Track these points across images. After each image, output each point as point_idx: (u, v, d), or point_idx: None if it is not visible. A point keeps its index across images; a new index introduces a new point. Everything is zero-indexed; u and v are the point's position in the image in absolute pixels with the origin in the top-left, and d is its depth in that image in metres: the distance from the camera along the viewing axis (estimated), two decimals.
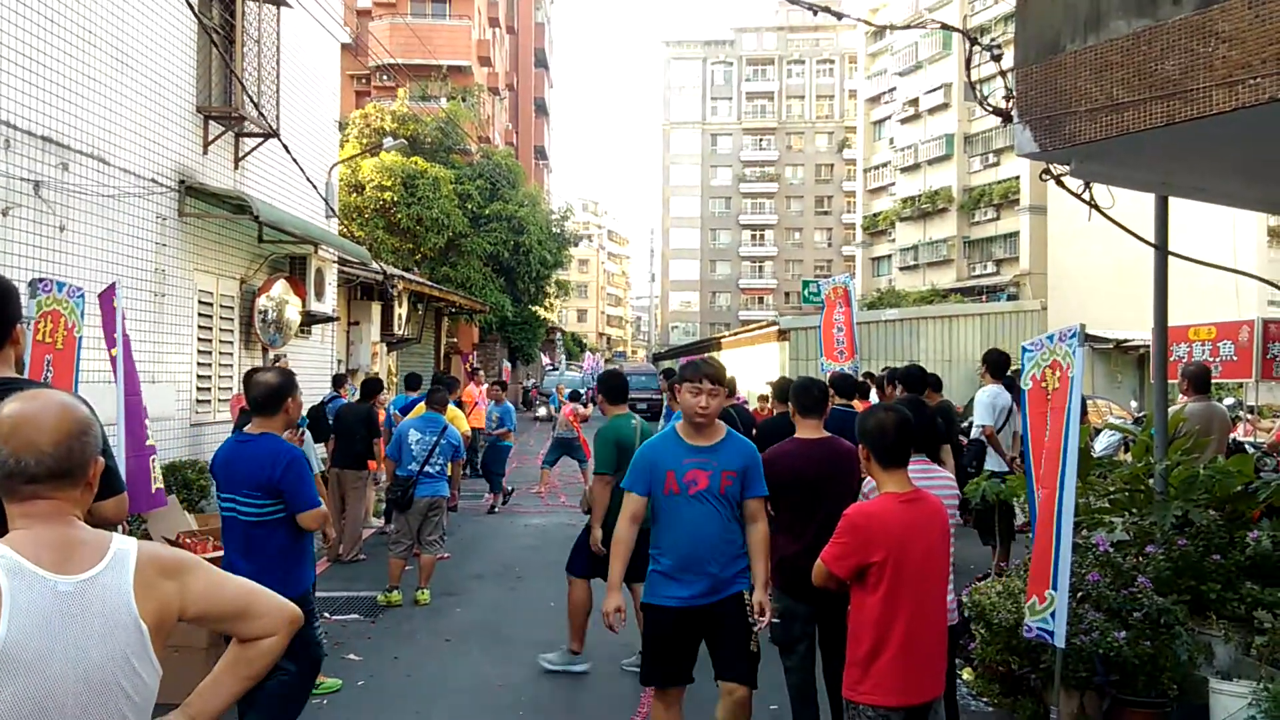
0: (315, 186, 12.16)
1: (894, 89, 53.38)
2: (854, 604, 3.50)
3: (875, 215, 56.41)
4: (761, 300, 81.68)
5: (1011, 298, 40.45)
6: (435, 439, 7.98)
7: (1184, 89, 4.21)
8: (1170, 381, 8.64)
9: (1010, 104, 5.14)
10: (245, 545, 4.14)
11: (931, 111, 49.02)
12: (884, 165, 56.05)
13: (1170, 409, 6.99)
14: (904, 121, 51.89)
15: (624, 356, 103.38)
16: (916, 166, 50.13)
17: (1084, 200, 5.38)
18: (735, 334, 27.18)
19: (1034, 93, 4.92)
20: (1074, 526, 5.92)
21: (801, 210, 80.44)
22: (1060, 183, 5.57)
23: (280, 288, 11.34)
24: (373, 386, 10.01)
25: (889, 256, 54.95)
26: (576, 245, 42.04)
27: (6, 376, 2.62)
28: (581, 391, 35.06)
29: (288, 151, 10.66)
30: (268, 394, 4.23)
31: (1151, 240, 5.64)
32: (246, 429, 4.30)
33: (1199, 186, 5.52)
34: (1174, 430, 6.42)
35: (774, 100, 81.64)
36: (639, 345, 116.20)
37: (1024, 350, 5.15)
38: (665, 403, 10.61)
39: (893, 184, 54.09)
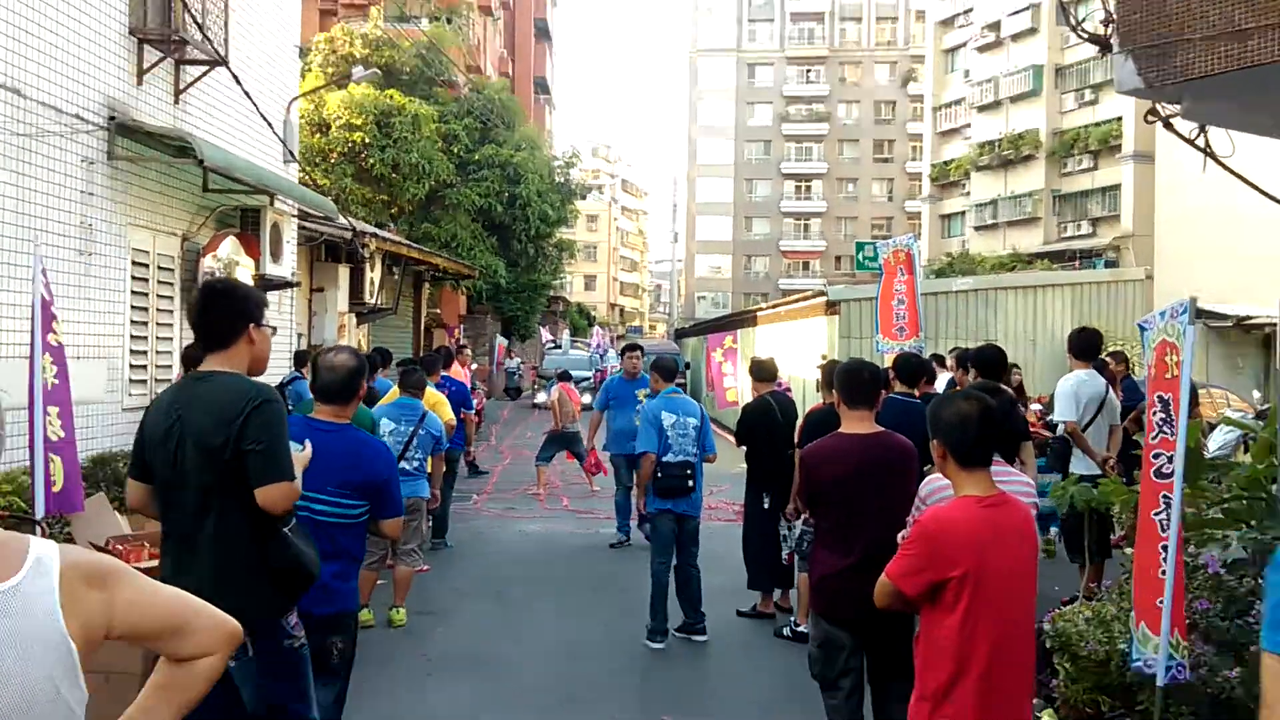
0: (271, 125, 12.19)
1: (970, 9, 52.97)
2: (925, 628, 3.49)
3: (946, 163, 56.04)
4: (807, 266, 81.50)
5: (1110, 264, 40.16)
6: (412, 429, 8.03)
7: None
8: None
9: (1109, 29, 5.11)
10: (330, 549, 4.16)
11: (1016, 38, 48.60)
12: (957, 103, 55.62)
13: None
14: (982, 50, 51.48)
15: (640, 332, 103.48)
16: (997, 104, 49.77)
17: (1198, 147, 5.35)
18: (774, 306, 27.08)
19: (1138, 16, 4.88)
20: (1181, 543, 5.94)
21: (857, 157, 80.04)
22: (1169, 126, 5.54)
23: (229, 246, 11.38)
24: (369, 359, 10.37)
25: (961, 214, 54.65)
26: (584, 198, 42.07)
27: (215, 371, 3.59)
28: (590, 374, 35.21)
29: (238, 83, 10.68)
30: (350, 376, 4.39)
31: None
32: (315, 414, 4.39)
33: None
34: None
35: (824, 23, 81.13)
36: (658, 319, 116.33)
37: (1141, 329, 5.15)
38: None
39: (967, 126, 53.72)
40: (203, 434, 3.50)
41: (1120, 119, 41.44)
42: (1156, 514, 4.87)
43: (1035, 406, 15.59)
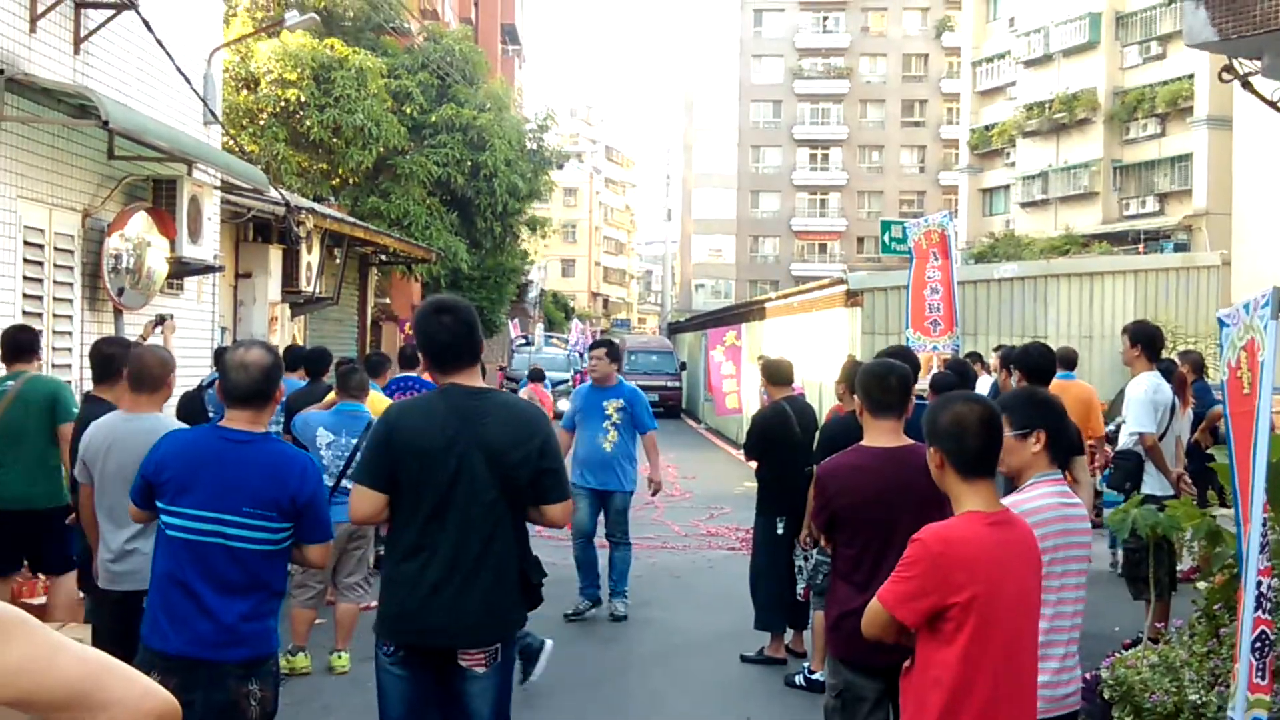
0: (189, 81, 12.15)
1: None
2: (921, 660, 3.57)
3: (987, 128, 56.24)
4: (824, 249, 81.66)
5: (1181, 247, 40.32)
6: (356, 440, 8.01)
7: None
8: None
9: None
10: (244, 581, 4.25)
11: None
12: (1000, 57, 55.82)
13: None
14: None
15: (626, 325, 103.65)
16: (1047, 58, 49.93)
17: (1277, 108, 5.37)
18: (785, 296, 27.16)
19: None
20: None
21: (882, 120, 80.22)
22: (1248, 85, 5.57)
23: (140, 223, 11.34)
24: (308, 359, 10.97)
25: (1005, 188, 54.86)
26: (561, 168, 42.00)
27: (488, 389, 4.49)
28: (567, 376, 35.21)
29: (150, 30, 10.64)
30: (265, 377, 4.40)
31: None
32: (224, 422, 4.42)
33: None
34: None
35: None
36: (649, 310, 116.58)
37: (1221, 324, 5.17)
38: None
39: (1012, 84, 53.89)
40: (501, 450, 4.26)
41: (1192, 76, 41.55)
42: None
43: None
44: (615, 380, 10.07)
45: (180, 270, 12.56)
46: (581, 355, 39.96)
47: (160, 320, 11.08)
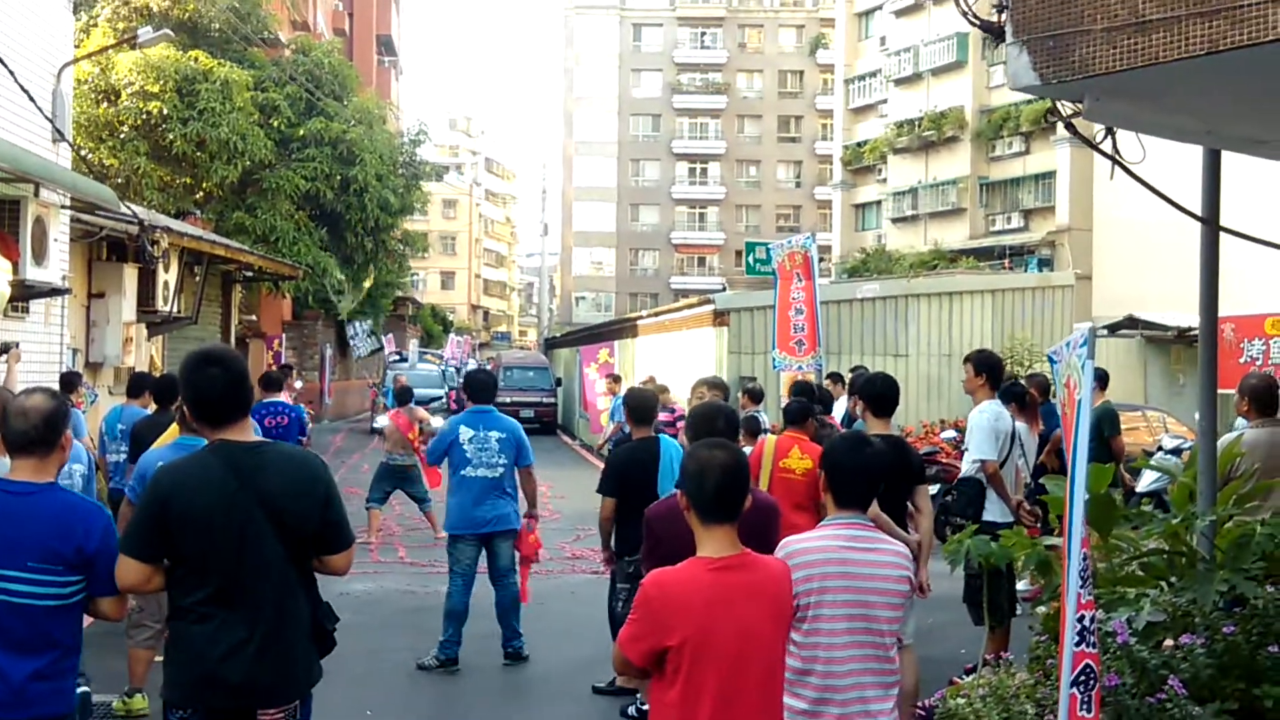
0: (33, 99, 11.79)
1: None
2: (653, 701, 3.74)
3: (860, 145, 57.09)
4: (703, 262, 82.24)
5: (1045, 263, 41.37)
6: None
7: (1233, 3, 4.31)
8: (1225, 392, 8.91)
9: (1003, 16, 5.21)
10: (32, 638, 4.13)
11: (938, 0, 49.73)
12: (872, 75, 56.76)
13: (1225, 436, 7.19)
14: (900, 14, 52.59)
15: (507, 339, 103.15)
16: (917, 77, 50.86)
17: (1102, 152, 5.50)
18: (656, 314, 27.24)
19: (1034, 1, 4.99)
20: (1090, 602, 6.07)
21: (759, 135, 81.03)
22: (1071, 127, 5.69)
23: None
24: (155, 386, 10.35)
25: (878, 203, 55.72)
26: (439, 179, 41.71)
27: (263, 442, 4.34)
28: (441, 393, 34.87)
29: None
30: (46, 424, 4.22)
31: (1197, 212, 5.78)
32: (8, 475, 4.24)
33: (1256, 138, 5.67)
34: (1227, 468, 6.60)
35: None
36: (529, 323, 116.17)
37: (1050, 360, 5.25)
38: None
39: (884, 101, 54.81)
40: (284, 505, 4.13)
41: None
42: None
43: (949, 434, 15.97)
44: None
45: (25, 293, 12.19)
46: (458, 370, 39.60)
47: (4, 349, 10.73)
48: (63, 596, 4.16)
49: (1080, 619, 4.85)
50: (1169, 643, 5.45)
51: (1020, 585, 8.89)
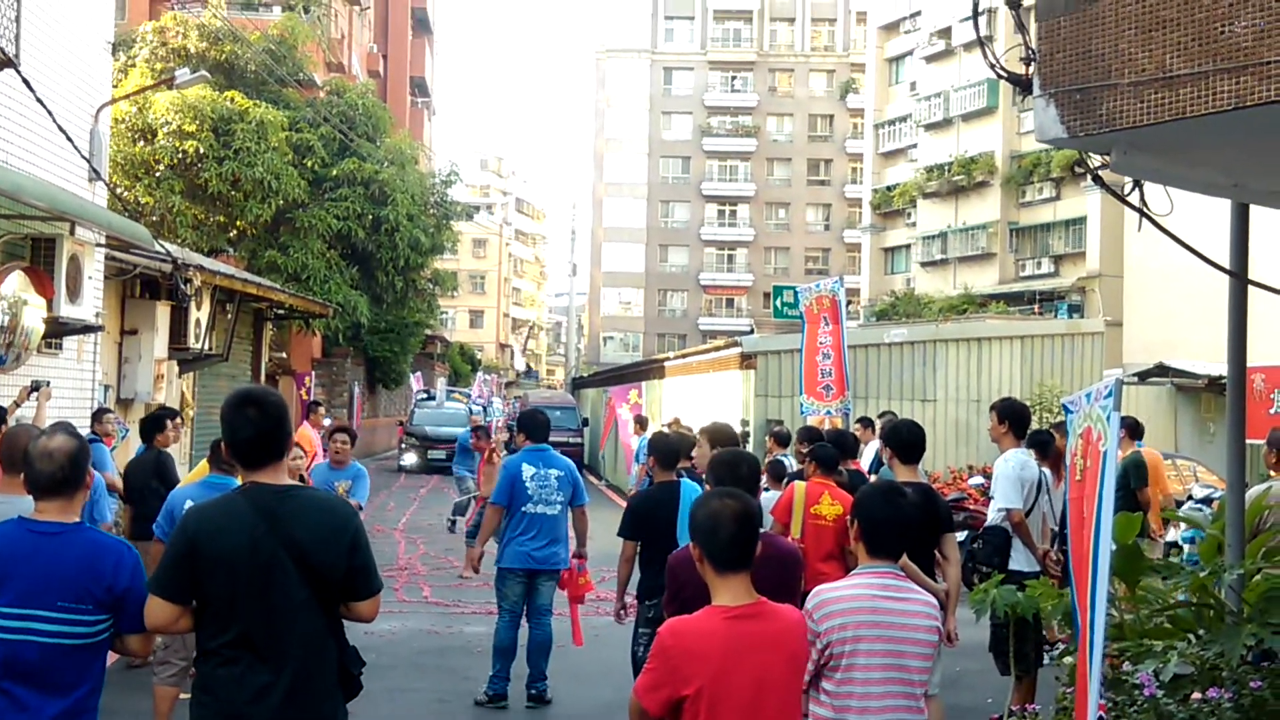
0: (71, 140, 11.96)
1: (918, 12, 54.20)
2: None
3: (889, 189, 57.14)
4: (731, 303, 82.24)
5: (1075, 309, 41.18)
6: None
7: (1260, 59, 4.34)
8: (1254, 443, 8.85)
9: (1031, 69, 5.26)
10: (62, 678, 4.15)
11: (969, 47, 49.80)
12: (902, 119, 56.85)
13: (1254, 489, 7.16)
14: (930, 59, 52.73)
15: (536, 377, 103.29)
16: (947, 122, 50.93)
17: (1129, 204, 5.52)
18: (683, 356, 27.20)
19: (1061, 55, 5.04)
20: (1117, 655, 6.03)
21: (788, 178, 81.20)
22: (1100, 180, 5.72)
23: (15, 283, 11.08)
24: (157, 424, 10.64)
25: (907, 247, 55.69)
26: (470, 218, 41.93)
27: (295, 485, 4.37)
28: (465, 431, 34.94)
29: (30, 89, 10.46)
30: (71, 464, 4.24)
31: (1225, 264, 5.78)
32: (34, 514, 4.26)
33: None
34: (1255, 521, 6.57)
35: (752, 22, 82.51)
36: (557, 362, 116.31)
37: (1065, 409, 5.24)
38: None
39: (913, 146, 54.88)
40: (311, 551, 4.13)
41: None
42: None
43: (976, 480, 15.91)
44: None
45: (58, 330, 12.30)
46: (485, 409, 39.67)
47: (35, 387, 10.85)
48: (91, 635, 4.18)
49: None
50: (1196, 696, 5.42)
51: None
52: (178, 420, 12.03)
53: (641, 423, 21.70)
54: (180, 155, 25.29)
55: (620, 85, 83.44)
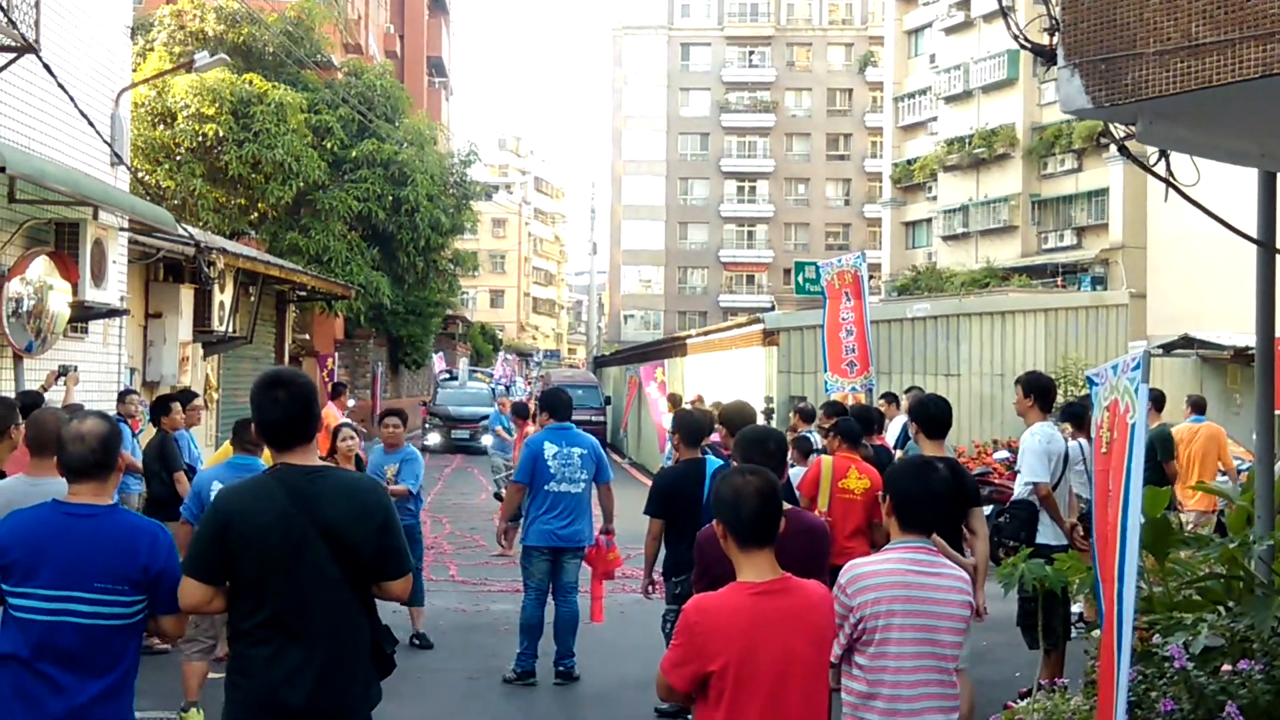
0: (93, 124, 12.00)
1: None
2: None
3: (909, 162, 56.83)
4: (751, 280, 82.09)
5: (1098, 281, 40.94)
6: None
7: None
8: None
9: (1054, 39, 5.22)
10: (98, 659, 4.18)
11: (988, 18, 49.49)
12: (922, 92, 56.55)
13: None
14: (950, 31, 52.41)
15: (557, 357, 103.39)
16: (967, 95, 50.64)
17: (1155, 174, 5.48)
18: (706, 333, 27.18)
19: (1085, 24, 5.00)
20: (1146, 628, 6.01)
21: (807, 153, 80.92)
22: (1125, 150, 5.69)
23: (41, 267, 11.22)
24: (164, 407, 10.73)
25: (928, 220, 55.44)
26: (489, 198, 41.92)
27: (324, 466, 4.40)
28: (489, 411, 35.04)
29: (51, 74, 10.49)
30: (103, 447, 4.28)
31: (1253, 234, 5.74)
32: (67, 497, 4.30)
33: None
34: None
35: None
36: (578, 341, 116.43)
37: (1090, 383, 5.20)
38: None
39: (933, 119, 54.58)
40: (342, 531, 4.16)
41: None
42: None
43: (1002, 454, 15.84)
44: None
45: (84, 314, 12.38)
46: (507, 389, 39.75)
47: (63, 372, 10.93)
48: (127, 616, 4.23)
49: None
50: (1226, 668, 5.40)
51: (1074, 608, 8.83)
52: (197, 402, 12.13)
53: (674, 400, 21.61)
54: (200, 138, 25.35)
55: (637, 62, 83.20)
